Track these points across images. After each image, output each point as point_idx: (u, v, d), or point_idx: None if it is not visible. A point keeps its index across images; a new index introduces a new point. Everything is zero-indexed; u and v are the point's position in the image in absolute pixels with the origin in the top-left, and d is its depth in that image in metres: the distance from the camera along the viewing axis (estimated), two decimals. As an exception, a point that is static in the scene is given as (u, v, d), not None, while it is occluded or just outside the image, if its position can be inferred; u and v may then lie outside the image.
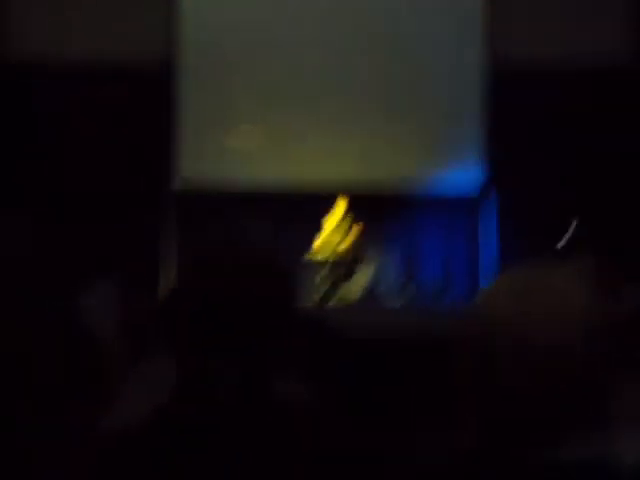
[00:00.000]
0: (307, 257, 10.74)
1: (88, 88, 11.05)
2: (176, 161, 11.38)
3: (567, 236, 10.26)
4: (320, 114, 11.56)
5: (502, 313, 1.36)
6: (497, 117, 11.39)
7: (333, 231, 10.85)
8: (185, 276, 1.62)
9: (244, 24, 11.48)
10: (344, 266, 10.86)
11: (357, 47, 11.58)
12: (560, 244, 10.39)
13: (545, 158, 11.23)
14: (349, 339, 3.49)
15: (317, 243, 10.80)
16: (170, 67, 11.36)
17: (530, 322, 1.32)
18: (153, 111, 11.17)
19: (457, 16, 11.59)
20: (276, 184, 11.39)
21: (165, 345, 1.60)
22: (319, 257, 10.74)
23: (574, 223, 10.08)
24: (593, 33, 11.32)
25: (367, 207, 11.25)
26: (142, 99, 11.11)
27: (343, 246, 10.79)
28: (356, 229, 10.85)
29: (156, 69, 11.25)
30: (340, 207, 10.85)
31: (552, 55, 11.28)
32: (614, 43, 11.34)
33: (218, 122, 11.52)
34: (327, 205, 10.94)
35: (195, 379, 1.55)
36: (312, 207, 11.06)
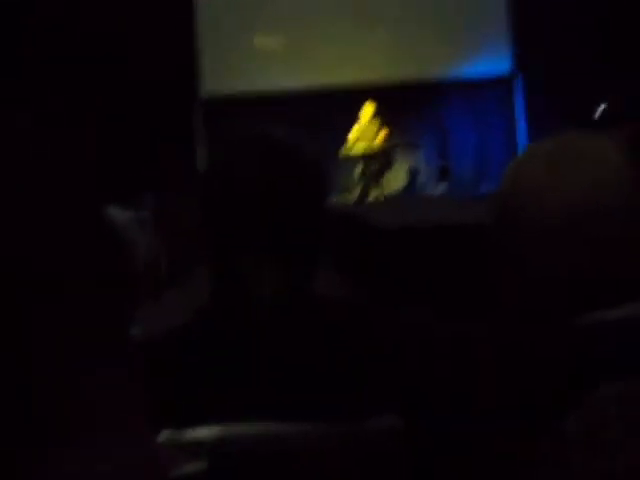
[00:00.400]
0: (342, 153, 10.71)
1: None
2: (201, 72, 11.38)
3: (602, 109, 10.10)
4: (345, 14, 11.41)
5: (534, 183, 1.30)
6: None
7: (367, 126, 10.77)
8: (215, 171, 1.56)
9: None
10: (381, 160, 10.83)
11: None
12: (596, 115, 10.26)
13: (571, 34, 11.04)
14: (390, 230, 3.50)
15: (351, 139, 10.74)
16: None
17: (564, 190, 1.27)
18: (176, 25, 11.12)
19: None
20: (305, 86, 11.34)
21: (204, 251, 1.54)
22: (354, 152, 10.70)
23: (608, 99, 9.91)
24: None
25: (399, 100, 11.18)
26: (165, 14, 11.04)
27: (378, 140, 10.73)
28: (390, 122, 10.78)
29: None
30: (371, 102, 10.75)
31: None
32: None
33: (243, 28, 11.44)
34: (360, 101, 10.84)
35: (231, 282, 1.51)
36: (344, 104, 10.99)
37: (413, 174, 11.06)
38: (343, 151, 10.72)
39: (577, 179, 1.27)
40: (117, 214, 5.31)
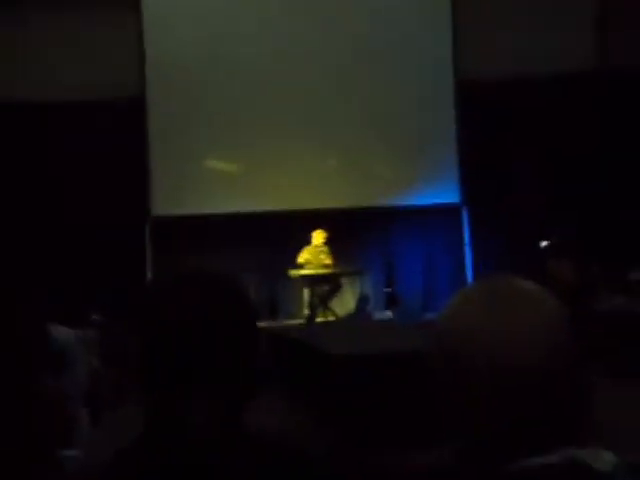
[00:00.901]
0: (292, 274, 10.77)
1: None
2: (151, 195, 11.50)
3: (545, 242, 10.33)
4: (297, 142, 11.64)
5: (471, 322, 1.31)
6: (468, 130, 11.56)
7: (317, 250, 10.88)
8: (150, 305, 1.57)
9: (211, 60, 11.60)
10: (329, 284, 10.90)
11: (330, 75, 11.69)
12: (542, 245, 10.47)
13: (516, 170, 11.39)
14: (336, 355, 3.49)
15: (301, 261, 10.82)
16: (141, 104, 11.49)
17: (500, 334, 1.28)
18: (127, 146, 11.27)
19: (426, 41, 11.78)
20: (254, 209, 11.46)
21: (140, 378, 1.53)
22: (303, 274, 10.76)
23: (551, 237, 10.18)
24: (554, 43, 11.50)
25: (349, 226, 11.35)
26: (115, 136, 11.19)
27: (327, 264, 10.83)
28: (339, 248, 10.90)
29: (127, 106, 11.38)
30: (322, 230, 10.89)
31: (517, 69, 11.47)
32: (576, 50, 11.58)
33: (191, 154, 11.61)
34: (309, 226, 10.97)
35: (165, 411, 1.49)
36: (293, 229, 11.12)
37: (361, 300, 11.12)
38: (293, 271, 10.78)
39: (511, 326, 1.30)
40: (62, 332, 5.26)
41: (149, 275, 11.23)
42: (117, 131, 11.22)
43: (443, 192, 11.78)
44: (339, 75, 11.70)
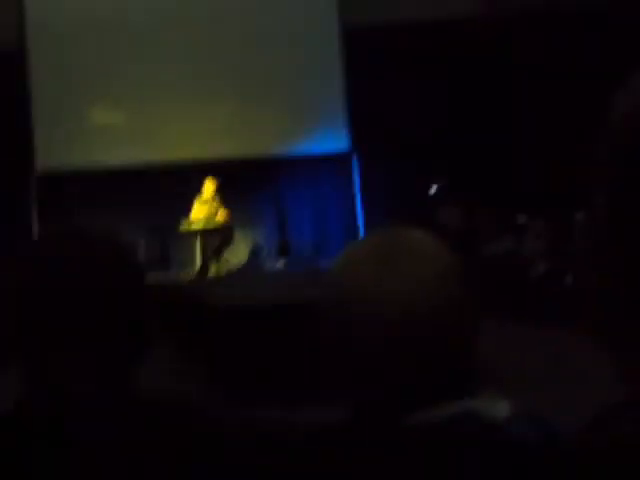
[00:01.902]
0: (182, 227, 10.66)
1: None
2: (35, 146, 11.18)
3: (435, 186, 10.48)
4: (184, 91, 11.47)
5: (357, 279, 1.30)
6: (354, 77, 11.56)
7: (208, 202, 10.77)
8: (25, 263, 1.51)
9: (94, 11, 11.29)
10: (221, 235, 10.82)
11: (217, 22, 11.53)
12: (430, 192, 10.64)
13: (404, 115, 11.45)
14: (226, 306, 3.47)
15: (192, 214, 10.71)
16: (21, 52, 11.11)
17: (387, 287, 1.27)
18: (8, 97, 10.92)
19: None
20: (143, 161, 11.29)
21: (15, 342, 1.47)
22: (194, 227, 10.65)
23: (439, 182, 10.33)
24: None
25: (239, 176, 11.26)
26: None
27: (218, 216, 10.73)
28: (230, 199, 10.82)
29: (8, 55, 11.00)
30: (212, 180, 10.77)
31: (402, 15, 11.51)
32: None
33: (74, 105, 11.31)
34: (199, 177, 10.85)
35: (44, 379, 1.43)
36: (183, 180, 10.99)
37: (253, 250, 11.11)
38: (184, 226, 10.66)
39: (400, 276, 1.29)
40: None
41: (35, 233, 10.97)
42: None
43: (332, 140, 11.79)
44: (227, 23, 11.56)
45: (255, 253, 11.08)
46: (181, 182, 11.01)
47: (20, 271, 1.48)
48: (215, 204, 10.76)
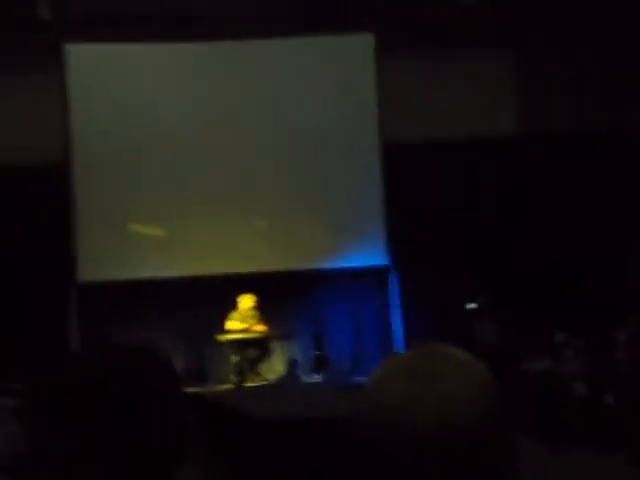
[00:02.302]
0: (220, 339, 10.69)
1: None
2: (76, 261, 11.37)
3: (470, 305, 10.47)
4: (223, 205, 11.66)
5: (392, 394, 1.30)
6: (395, 193, 11.68)
7: (246, 314, 10.82)
8: (66, 380, 1.53)
9: (136, 126, 11.60)
10: (258, 348, 10.83)
11: (252, 140, 11.76)
12: (467, 308, 10.62)
13: (443, 232, 11.54)
14: (261, 419, 3.46)
15: (230, 326, 10.75)
16: (66, 164, 11.39)
17: (421, 403, 1.27)
18: (52, 210, 11.16)
19: (351, 106, 11.93)
20: (181, 274, 11.41)
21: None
22: (232, 339, 10.68)
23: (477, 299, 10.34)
24: (475, 106, 11.81)
25: (277, 289, 11.33)
26: (42, 200, 11.09)
27: (256, 328, 10.77)
28: (267, 312, 10.86)
29: (54, 166, 11.27)
30: (251, 295, 10.86)
31: (441, 132, 11.71)
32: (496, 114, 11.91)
33: (114, 217, 11.55)
34: (237, 290, 10.93)
35: None
36: (220, 292, 11.07)
37: (290, 364, 11.07)
38: (220, 337, 10.70)
39: (435, 393, 1.29)
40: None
41: (73, 342, 11.03)
42: (41, 197, 11.09)
43: (370, 255, 11.85)
44: (264, 140, 11.77)
45: (292, 367, 11.03)
46: (219, 295, 11.09)
47: (64, 384, 1.50)
48: (253, 317, 10.81)
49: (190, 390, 9.31)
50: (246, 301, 10.86)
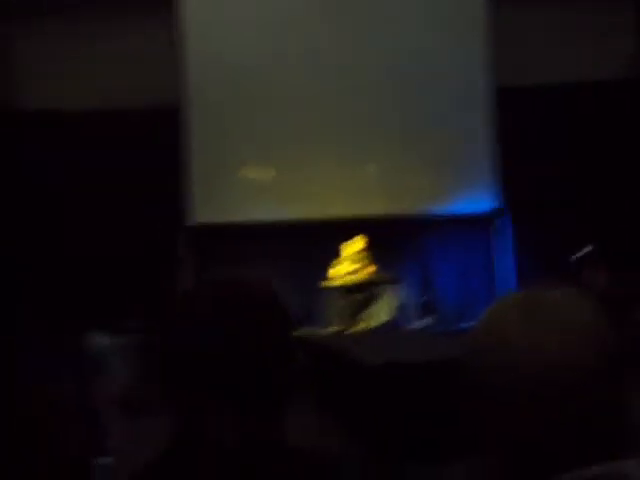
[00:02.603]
0: (327, 284, 10.77)
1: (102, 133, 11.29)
2: (190, 200, 11.55)
3: (581, 251, 10.26)
4: (332, 149, 11.66)
5: (509, 330, 1.30)
6: (506, 138, 11.48)
7: (353, 258, 10.86)
8: (180, 313, 1.54)
9: (246, 69, 11.63)
10: (365, 293, 10.87)
11: (363, 81, 11.67)
12: (574, 257, 10.43)
13: (554, 175, 11.32)
14: (370, 363, 3.48)
15: (337, 270, 10.81)
16: (179, 110, 11.53)
17: (539, 339, 1.27)
18: (166, 152, 11.33)
19: (461, 49, 11.74)
20: (292, 218, 11.51)
21: (167, 390, 1.50)
22: (339, 283, 10.75)
23: (588, 245, 10.11)
24: (592, 50, 11.50)
25: (385, 234, 11.32)
26: (155, 142, 11.27)
27: (364, 274, 10.80)
28: (375, 257, 10.87)
29: (167, 112, 11.43)
30: (362, 237, 10.87)
31: (553, 75, 11.45)
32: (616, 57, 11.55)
33: (228, 161, 11.67)
34: (345, 235, 10.97)
35: (193, 427, 1.46)
36: (329, 235, 11.11)
37: (397, 309, 11.09)
38: (328, 282, 10.77)
39: (548, 335, 1.29)
40: (98, 339, 5.30)
41: (184, 284, 11.26)
42: (156, 140, 11.28)
43: (480, 200, 11.72)
44: (377, 81, 11.68)
45: (398, 312, 11.04)
46: (327, 239, 11.14)
47: (181, 316, 1.53)
48: (363, 261, 10.83)
49: (296, 333, 9.42)
50: (357, 244, 10.87)
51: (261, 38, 11.70)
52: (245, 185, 11.69)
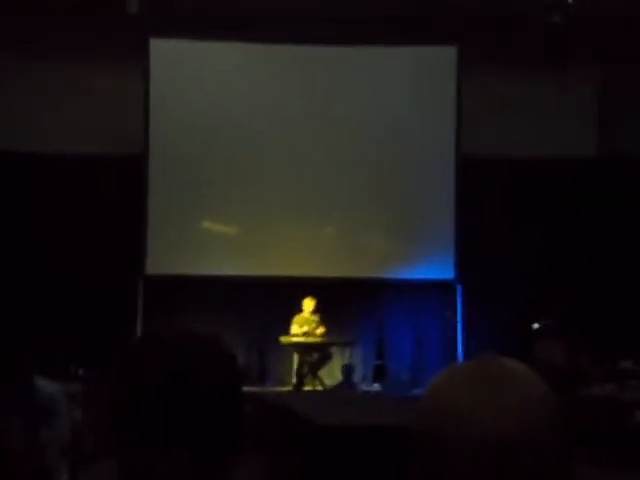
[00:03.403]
0: (283, 340, 10.76)
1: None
2: (146, 253, 11.53)
3: (540, 323, 10.37)
4: (293, 209, 11.74)
5: (456, 397, 1.29)
6: (466, 206, 11.62)
7: (308, 318, 10.89)
8: (126, 361, 1.54)
9: (213, 124, 11.72)
10: (319, 353, 10.89)
11: (329, 143, 11.78)
12: (534, 326, 10.52)
13: (510, 248, 11.48)
14: (319, 425, 3.48)
15: (294, 329, 10.83)
16: (143, 158, 11.57)
17: (485, 407, 1.26)
18: (127, 201, 11.35)
19: (428, 119, 11.90)
20: (244, 276, 11.51)
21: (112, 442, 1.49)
22: (294, 341, 10.76)
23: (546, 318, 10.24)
24: (554, 128, 11.74)
25: (341, 296, 11.35)
26: (117, 190, 11.29)
27: (318, 333, 10.83)
28: (330, 318, 10.91)
29: (130, 162, 11.47)
30: (312, 298, 10.93)
31: (515, 149, 11.67)
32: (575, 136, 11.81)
33: (186, 213, 11.70)
34: (302, 291, 11.00)
35: (143, 472, 1.45)
36: (286, 293, 11.13)
37: (347, 371, 11.08)
38: (283, 339, 10.77)
39: (497, 404, 1.29)
40: (47, 385, 5.23)
41: (138, 332, 11.19)
42: (116, 186, 11.29)
43: (438, 268, 11.80)
44: (339, 146, 11.78)
45: (347, 373, 11.04)
46: (283, 297, 11.15)
47: (126, 366, 1.53)
48: (315, 321, 10.87)
49: (249, 389, 9.38)
50: (309, 304, 10.93)
51: (230, 96, 11.78)
52: (203, 239, 11.68)
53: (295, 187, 11.70)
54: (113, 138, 11.40)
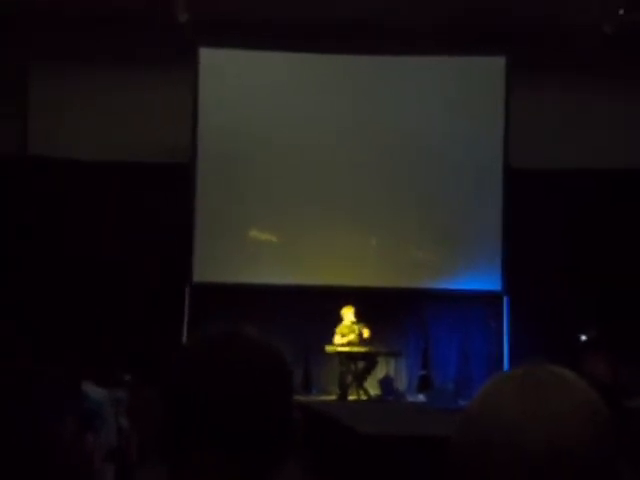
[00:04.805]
0: (328, 349, 10.77)
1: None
2: (193, 261, 11.61)
3: (585, 335, 10.27)
4: (340, 219, 11.75)
5: (505, 405, 1.26)
6: (514, 218, 11.54)
7: (350, 327, 10.88)
8: (179, 366, 1.54)
9: (262, 136, 11.74)
10: (365, 362, 10.87)
11: (376, 155, 11.78)
12: (581, 337, 10.43)
13: (557, 259, 11.38)
14: (364, 434, 3.48)
15: (338, 337, 10.83)
16: (190, 169, 11.66)
17: (535, 416, 1.22)
18: (176, 209, 11.43)
19: (476, 129, 11.83)
20: (292, 282, 11.54)
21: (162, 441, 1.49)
22: (340, 350, 10.76)
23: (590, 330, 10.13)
24: (603, 139, 11.61)
25: (387, 306, 11.33)
26: (166, 199, 11.39)
27: (365, 333, 10.82)
28: (373, 327, 10.89)
29: (178, 171, 11.58)
30: (350, 307, 10.92)
31: (564, 160, 11.58)
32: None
33: (235, 222, 11.77)
34: (346, 301, 11.00)
35: (186, 476, 1.45)
36: (330, 302, 11.12)
37: (387, 382, 11.03)
38: (329, 348, 10.77)
39: (545, 411, 1.27)
40: (95, 391, 5.29)
41: (184, 340, 11.25)
42: (165, 194, 11.39)
43: (485, 279, 11.72)
44: (386, 157, 11.78)
45: (387, 384, 10.98)
46: (328, 307, 11.15)
47: (178, 371, 1.53)
48: (358, 330, 10.85)
49: (295, 397, 9.39)
50: (347, 312, 10.93)
51: (277, 106, 11.83)
52: (249, 247, 11.72)
53: (343, 197, 11.70)
54: (162, 147, 11.50)
